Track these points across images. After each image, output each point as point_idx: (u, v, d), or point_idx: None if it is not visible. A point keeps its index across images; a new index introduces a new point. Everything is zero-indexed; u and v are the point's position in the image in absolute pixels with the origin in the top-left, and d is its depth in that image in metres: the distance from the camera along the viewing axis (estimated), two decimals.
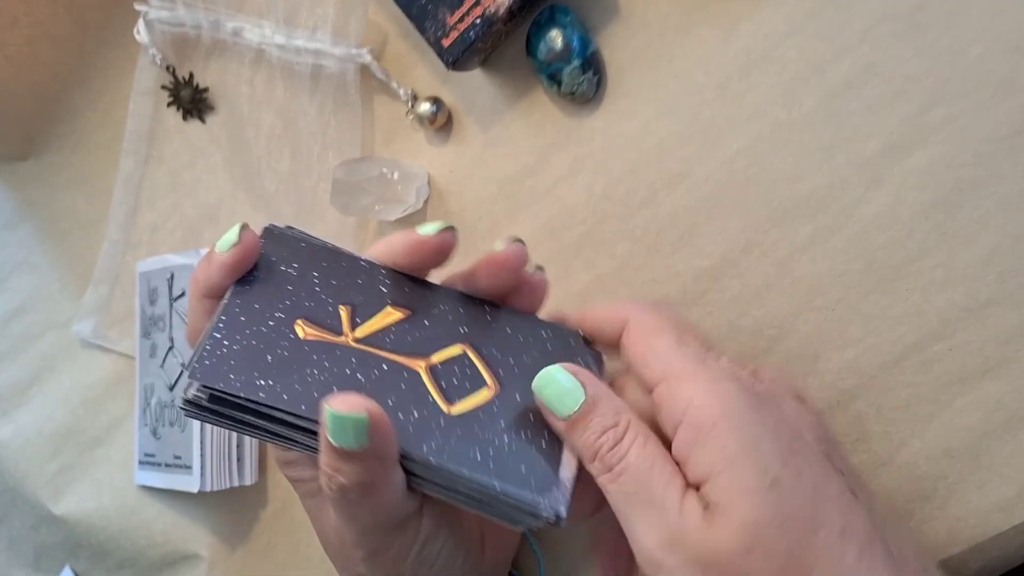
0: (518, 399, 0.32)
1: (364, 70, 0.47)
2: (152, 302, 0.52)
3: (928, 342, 0.36)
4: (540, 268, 0.36)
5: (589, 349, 0.35)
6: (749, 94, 0.39)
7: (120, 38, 0.51)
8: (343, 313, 0.33)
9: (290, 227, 0.35)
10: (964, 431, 0.36)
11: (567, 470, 0.31)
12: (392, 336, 0.33)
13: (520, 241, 0.34)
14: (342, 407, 0.28)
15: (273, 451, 0.36)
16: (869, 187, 0.37)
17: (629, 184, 0.42)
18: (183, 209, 0.53)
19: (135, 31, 0.49)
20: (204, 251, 0.50)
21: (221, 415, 0.31)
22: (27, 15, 0.51)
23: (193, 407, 0.31)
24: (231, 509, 0.53)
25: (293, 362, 0.31)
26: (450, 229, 0.34)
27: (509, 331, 0.34)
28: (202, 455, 0.48)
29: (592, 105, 0.43)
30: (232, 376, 0.30)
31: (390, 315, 0.34)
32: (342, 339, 0.32)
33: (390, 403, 0.31)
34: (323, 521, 0.35)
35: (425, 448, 0.30)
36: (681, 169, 0.41)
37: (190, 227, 0.53)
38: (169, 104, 0.52)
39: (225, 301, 0.32)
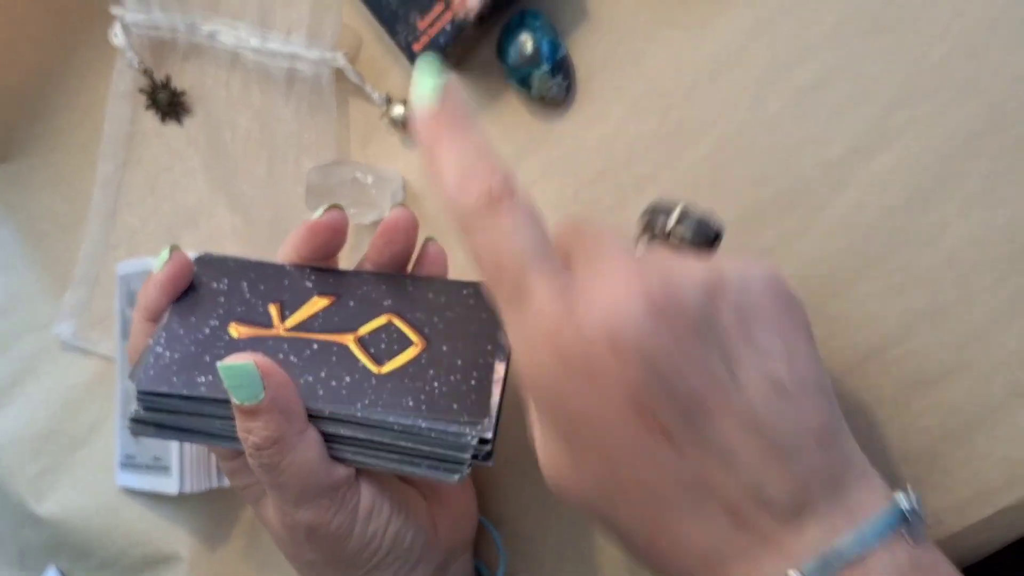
0: (445, 349, 0.34)
1: (339, 73, 0.47)
2: (132, 304, 0.52)
3: (887, 346, 0.37)
4: (431, 239, 0.39)
5: None
6: (717, 96, 0.40)
7: (97, 40, 0.51)
8: (273, 310, 0.36)
9: (212, 253, 0.39)
10: (922, 434, 0.36)
11: (495, 401, 0.33)
12: (320, 320, 0.36)
13: (404, 205, 0.37)
14: (230, 360, 0.31)
15: (220, 464, 0.37)
16: (833, 190, 0.38)
17: (599, 187, 0.43)
18: (162, 211, 0.54)
19: (112, 34, 0.50)
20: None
21: (167, 426, 0.33)
22: (3, 15, 0.51)
23: (139, 424, 0.32)
24: (211, 510, 0.53)
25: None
26: (335, 208, 0.37)
27: (431, 296, 0.37)
28: (181, 457, 0.48)
29: (563, 108, 0.43)
30: (175, 379, 0.33)
31: (317, 303, 0.36)
32: (273, 331, 0.35)
33: (322, 375, 0.33)
34: (268, 516, 0.36)
35: (358, 406, 0.32)
36: (650, 171, 0.41)
37: (169, 229, 0.53)
38: (147, 107, 0.52)
39: (164, 319, 0.35)
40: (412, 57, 0.41)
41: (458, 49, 0.42)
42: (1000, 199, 0.35)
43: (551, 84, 0.42)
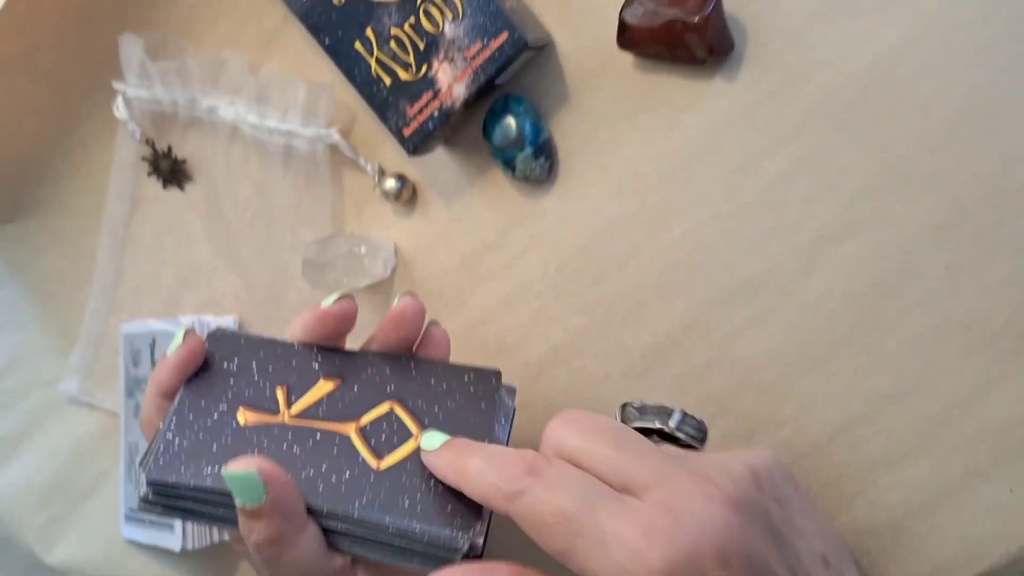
0: None
1: (333, 148, 0.49)
2: (135, 364, 0.54)
3: (854, 425, 0.38)
4: (436, 323, 0.40)
5: (507, 385, 0.38)
6: (692, 182, 0.41)
7: (101, 111, 0.54)
8: (280, 394, 0.37)
9: (224, 329, 0.40)
10: (887, 510, 0.38)
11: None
12: (325, 406, 0.37)
13: (412, 294, 0.38)
14: (234, 467, 0.32)
15: (227, 532, 0.39)
16: (803, 274, 0.39)
17: (581, 262, 0.44)
18: (164, 274, 0.56)
19: (114, 107, 0.52)
20: (184, 319, 0.52)
21: (175, 508, 0.34)
22: (10, 91, 0.54)
23: (149, 504, 0.34)
24: (214, 563, 0.55)
25: (236, 447, 0.35)
26: (347, 297, 0.38)
27: (433, 381, 0.38)
28: None
29: (546, 187, 0.45)
30: (183, 469, 0.34)
31: (323, 387, 0.37)
32: (279, 418, 0.36)
33: (323, 469, 0.34)
34: None
35: (356, 504, 0.33)
36: (629, 250, 0.43)
37: (171, 291, 0.55)
38: (149, 174, 0.54)
39: (175, 403, 0.36)
40: (403, 141, 0.43)
41: (446, 131, 0.44)
42: (959, 290, 0.37)
43: (534, 166, 0.43)
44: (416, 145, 0.43)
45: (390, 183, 0.48)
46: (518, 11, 0.42)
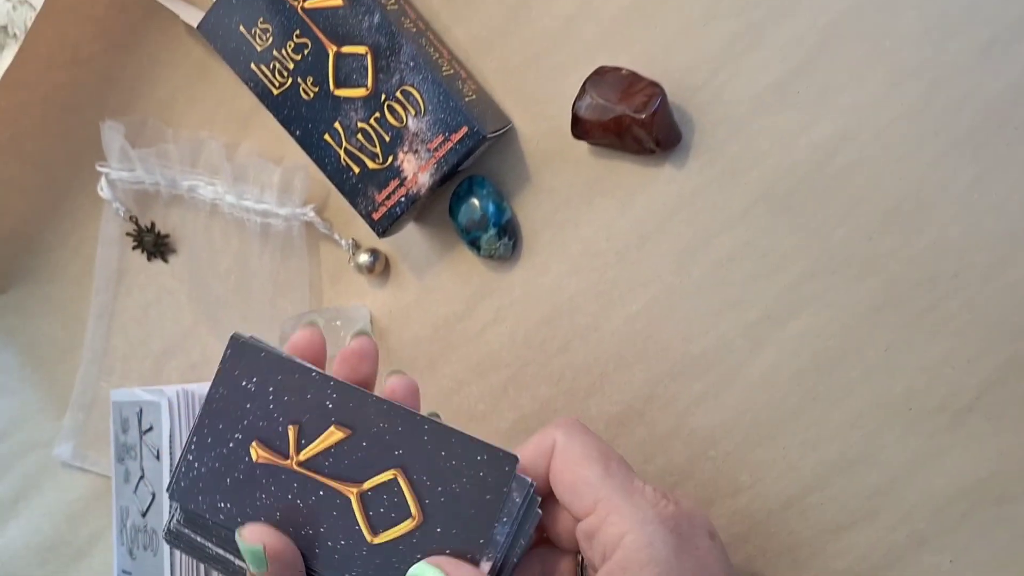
0: (438, 531, 0.36)
1: (309, 223, 0.51)
2: (124, 431, 0.56)
3: (804, 494, 0.40)
4: (397, 372, 0.39)
5: (524, 476, 0.37)
6: (645, 261, 0.43)
7: (87, 189, 0.56)
8: (291, 434, 0.38)
9: (252, 336, 0.39)
10: (836, 575, 0.40)
11: None
12: (332, 459, 0.37)
13: (366, 333, 0.39)
14: (246, 537, 0.34)
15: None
16: (752, 351, 0.41)
17: (546, 333, 0.46)
18: (151, 341, 0.58)
19: (99, 188, 0.54)
20: (169, 388, 0.54)
21: (194, 545, 0.37)
22: None
23: (173, 536, 0.37)
24: None
25: (247, 485, 0.36)
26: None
27: (444, 454, 0.36)
28: None
29: (511, 262, 0.47)
30: (200, 498, 0.36)
31: (332, 435, 0.37)
32: (288, 463, 0.37)
33: (322, 531, 0.36)
34: None
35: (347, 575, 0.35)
36: (590, 322, 0.45)
37: (157, 359, 0.57)
38: (134, 248, 0.56)
39: (195, 423, 0.38)
40: (372, 224, 0.45)
41: (413, 212, 0.46)
42: (898, 368, 0.39)
43: (498, 245, 0.45)
44: (385, 228, 0.45)
45: (364, 257, 0.50)
46: (478, 103, 0.44)
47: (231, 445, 0.37)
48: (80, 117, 0.54)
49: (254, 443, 0.37)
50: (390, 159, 0.44)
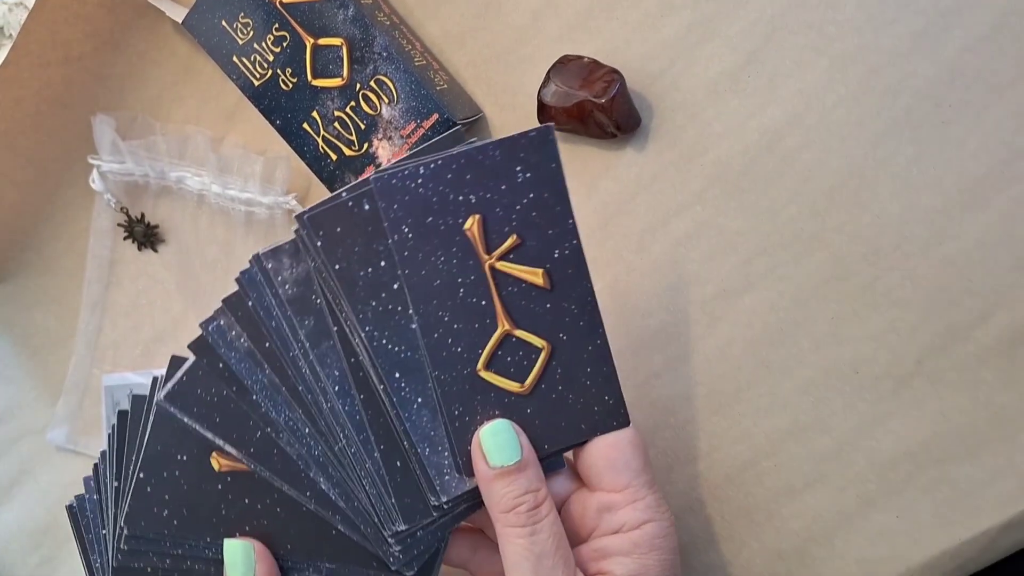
0: (528, 413, 0.36)
1: (291, 213, 0.53)
2: (115, 412, 0.58)
3: (759, 459, 0.43)
4: None
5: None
6: (608, 241, 0.46)
7: (78, 180, 0.58)
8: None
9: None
10: (792, 536, 0.42)
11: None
12: (513, 288, 0.35)
13: None
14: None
15: None
16: (708, 324, 0.44)
17: None
18: (142, 328, 0.60)
19: (90, 180, 0.56)
20: (159, 371, 0.56)
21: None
22: None
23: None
24: None
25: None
26: None
27: (589, 371, 0.37)
28: None
29: None
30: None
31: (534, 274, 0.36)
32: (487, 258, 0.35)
33: (459, 327, 0.35)
34: None
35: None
36: None
37: (147, 346, 0.59)
38: (125, 238, 0.58)
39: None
40: None
41: None
42: (845, 338, 0.41)
43: None
44: None
45: None
46: (448, 92, 0.46)
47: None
48: (72, 113, 0.57)
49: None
50: (365, 146, 0.46)
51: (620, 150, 0.45)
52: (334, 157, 0.47)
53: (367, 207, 0.34)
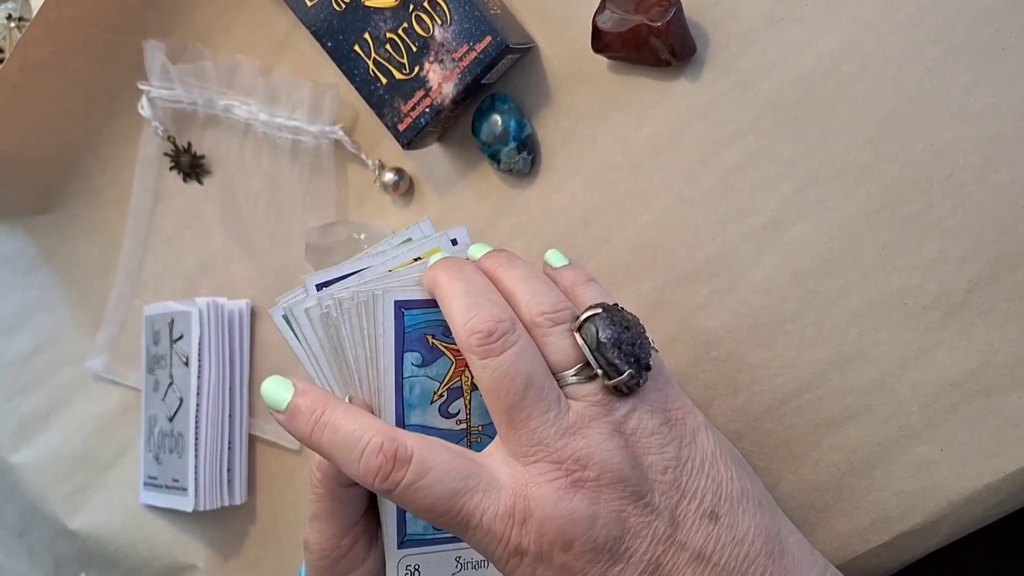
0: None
1: (337, 143, 0.54)
2: (156, 343, 0.59)
3: (801, 391, 0.42)
4: None
5: None
6: (657, 173, 0.46)
7: (126, 109, 0.59)
8: None
9: None
10: (830, 468, 0.42)
11: None
12: None
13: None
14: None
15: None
16: (755, 255, 0.43)
17: (561, 248, 0.48)
18: (184, 260, 0.60)
19: (139, 106, 0.57)
20: (200, 299, 0.57)
21: None
22: (43, 92, 0.59)
23: None
24: (225, 525, 0.60)
25: None
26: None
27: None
28: (196, 479, 0.55)
29: (529, 178, 0.49)
30: None
31: None
32: None
33: None
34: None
35: None
36: (603, 235, 0.47)
37: (189, 277, 0.60)
38: (170, 168, 0.59)
39: None
40: (398, 135, 0.48)
41: (438, 127, 0.49)
42: (894, 268, 0.41)
43: (517, 159, 0.48)
44: (410, 139, 0.48)
45: (389, 176, 0.52)
46: (502, 17, 0.46)
47: None
48: (123, 40, 0.57)
49: None
50: (416, 69, 0.46)
51: (673, 80, 0.45)
52: (384, 81, 0.47)
53: None
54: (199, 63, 0.55)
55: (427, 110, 0.47)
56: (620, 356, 0.34)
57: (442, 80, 0.46)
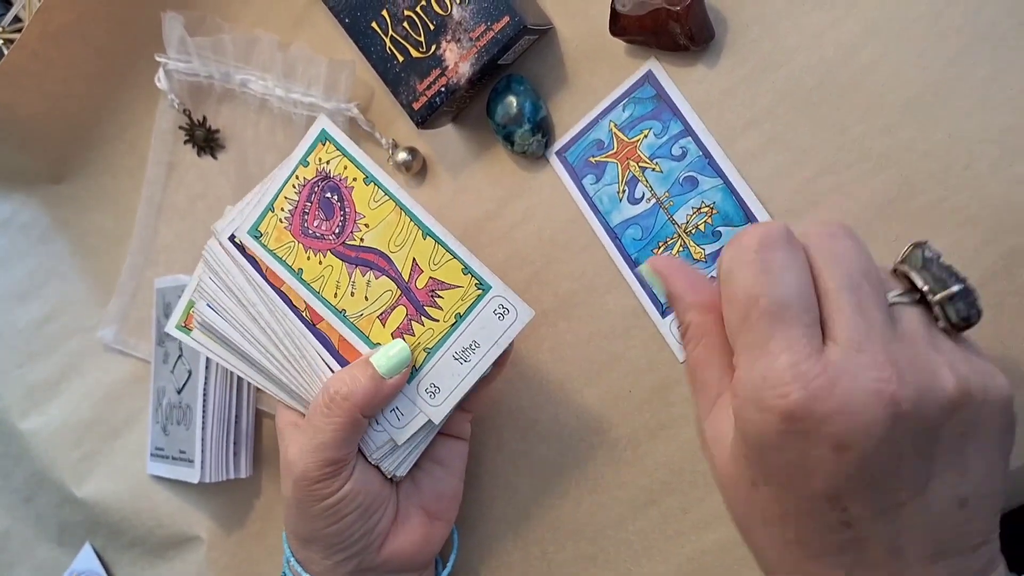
0: None
1: (352, 121, 0.54)
2: (166, 315, 0.59)
3: None
4: None
5: None
6: None
7: (144, 81, 0.59)
8: None
9: None
10: None
11: None
12: None
13: None
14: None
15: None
16: None
17: (571, 231, 0.48)
18: (196, 233, 0.61)
19: (156, 79, 0.57)
20: None
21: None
22: (62, 57, 0.59)
23: None
24: (229, 498, 0.60)
25: None
26: None
27: None
28: (202, 451, 0.55)
29: (542, 162, 0.49)
30: None
31: None
32: None
33: None
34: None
35: None
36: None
37: (200, 251, 0.60)
38: (185, 142, 0.59)
39: None
40: (412, 113, 0.48)
41: (453, 107, 0.48)
42: None
43: (531, 141, 0.48)
44: (424, 118, 0.48)
45: (402, 155, 0.52)
46: None
47: None
48: (142, 10, 0.57)
49: None
50: (433, 48, 0.46)
51: (691, 65, 0.44)
52: (400, 58, 0.47)
53: None
54: (217, 36, 0.55)
55: (443, 89, 0.47)
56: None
57: (459, 59, 0.46)
